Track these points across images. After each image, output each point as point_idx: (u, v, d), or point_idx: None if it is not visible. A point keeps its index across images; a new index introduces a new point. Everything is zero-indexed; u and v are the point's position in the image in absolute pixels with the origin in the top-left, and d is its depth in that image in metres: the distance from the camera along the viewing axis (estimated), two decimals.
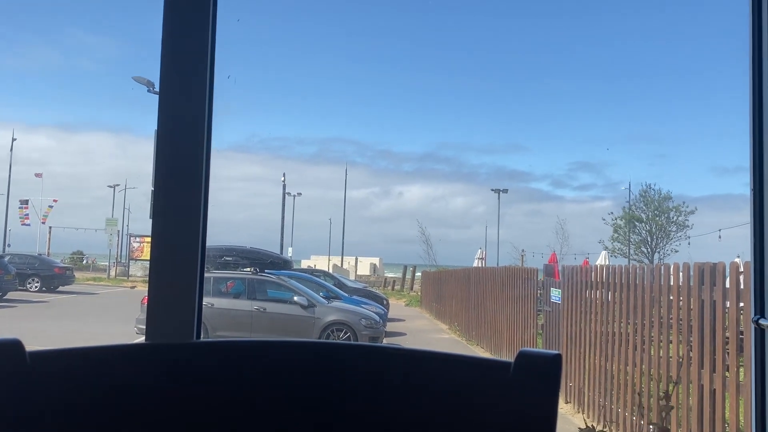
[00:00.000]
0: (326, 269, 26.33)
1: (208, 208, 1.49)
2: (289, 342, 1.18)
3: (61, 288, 21.48)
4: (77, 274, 25.37)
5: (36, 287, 20.54)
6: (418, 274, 27.66)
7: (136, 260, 27.80)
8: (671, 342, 5.97)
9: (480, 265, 22.05)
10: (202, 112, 1.47)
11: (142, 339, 1.40)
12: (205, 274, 1.44)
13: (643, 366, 6.33)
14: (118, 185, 32.10)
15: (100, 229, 29.29)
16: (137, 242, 27.22)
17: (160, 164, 1.45)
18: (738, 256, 8.34)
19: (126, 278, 27.44)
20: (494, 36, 36.48)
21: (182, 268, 1.36)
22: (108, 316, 16.07)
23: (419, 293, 24.85)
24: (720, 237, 24.01)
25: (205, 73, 1.49)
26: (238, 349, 1.20)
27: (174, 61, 1.48)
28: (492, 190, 31.64)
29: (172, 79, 1.47)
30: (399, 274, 31.95)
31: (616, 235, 31.19)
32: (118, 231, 29.30)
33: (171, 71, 1.48)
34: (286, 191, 31.10)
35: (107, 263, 30.04)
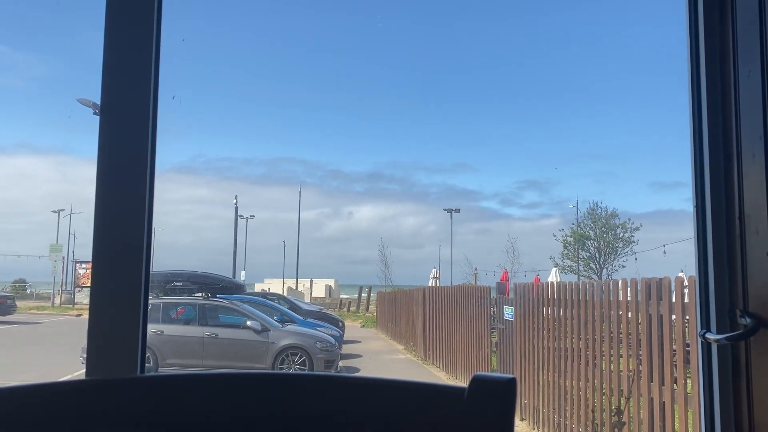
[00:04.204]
0: (280, 292, 25.98)
1: (152, 234, 1.44)
2: (237, 374, 1.13)
3: (1, 318, 20.55)
4: (19, 303, 24.33)
5: None
6: (374, 295, 27.58)
7: (81, 287, 26.86)
8: (621, 356, 6.09)
9: (435, 285, 22.13)
10: (145, 133, 1.43)
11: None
12: (155, 301, 1.39)
13: (595, 381, 6.42)
14: (63, 210, 31.06)
15: (43, 255, 28.22)
16: (83, 269, 26.33)
17: (102, 188, 1.39)
18: (682, 270, 8.59)
19: (71, 306, 26.46)
20: (440, 57, 37.04)
21: (124, 298, 1.30)
22: (52, 345, 15.44)
23: (375, 314, 24.74)
24: (665, 252, 24.77)
25: (149, 93, 1.44)
26: (183, 383, 1.15)
27: (116, 82, 1.44)
28: (444, 209, 31.86)
29: (114, 101, 1.42)
30: (355, 296, 31.78)
31: (566, 252, 31.84)
32: (63, 257, 28.31)
33: (113, 92, 1.43)
34: (239, 214, 30.65)
35: (51, 291, 28.94)
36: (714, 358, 1.64)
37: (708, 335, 1.62)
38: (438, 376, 12.11)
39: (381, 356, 15.42)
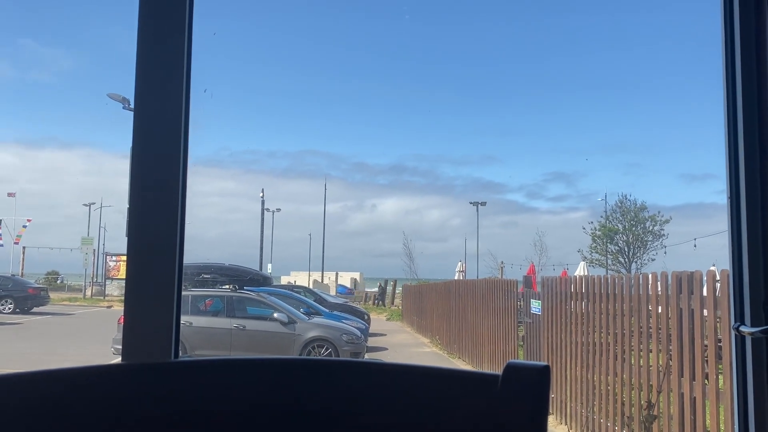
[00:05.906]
0: (307, 285, 26.17)
1: (185, 226, 1.46)
2: (270, 359, 1.15)
3: (35, 309, 21.04)
4: (52, 295, 24.87)
5: (9, 309, 20.10)
6: (399, 288, 27.62)
7: (112, 279, 27.37)
8: (651, 351, 6.01)
9: (460, 278, 22.07)
10: (177, 128, 1.45)
11: (118, 359, 1.36)
12: (183, 293, 1.41)
13: (624, 376, 6.36)
14: (93, 203, 31.60)
15: (75, 248, 28.77)
16: (113, 261, 26.78)
17: (136, 182, 1.42)
18: (713, 264, 8.45)
19: (102, 298, 27.00)
20: (465, 48, 36.72)
21: (159, 286, 1.33)
22: (84, 336, 15.78)
23: (400, 307, 24.77)
24: (695, 246, 24.40)
25: (181, 88, 1.47)
26: (217, 368, 1.17)
27: (149, 78, 1.46)
28: (470, 203, 31.69)
29: (147, 96, 1.44)
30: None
31: (594, 245, 31.50)
32: (94, 250, 28.84)
33: (146, 88, 1.45)
34: (265, 207, 30.88)
35: (83, 283, 29.53)
36: (748, 351, 1.62)
37: (742, 328, 1.60)
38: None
39: (407, 349, 15.45)
